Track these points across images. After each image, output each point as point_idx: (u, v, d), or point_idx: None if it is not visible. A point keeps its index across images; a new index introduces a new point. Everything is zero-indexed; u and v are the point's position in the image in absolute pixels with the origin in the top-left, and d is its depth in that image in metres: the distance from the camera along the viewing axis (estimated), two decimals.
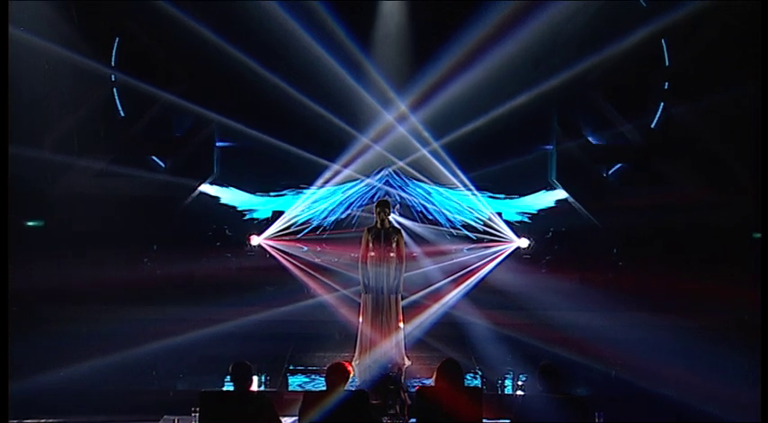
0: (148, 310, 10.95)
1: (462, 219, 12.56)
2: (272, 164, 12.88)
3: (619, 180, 13.79)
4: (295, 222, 12.43)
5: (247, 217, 13.25)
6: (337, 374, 5.96)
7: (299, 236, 12.32)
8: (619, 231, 12.83)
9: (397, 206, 12.40)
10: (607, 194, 13.33)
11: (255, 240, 12.33)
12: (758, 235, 11.41)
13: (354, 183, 12.72)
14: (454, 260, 12.07)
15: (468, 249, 12.25)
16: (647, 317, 10.76)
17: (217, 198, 13.40)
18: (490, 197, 13.03)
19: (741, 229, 11.90)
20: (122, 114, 13.39)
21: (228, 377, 6.07)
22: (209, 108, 12.86)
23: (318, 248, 12.25)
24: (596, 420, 6.04)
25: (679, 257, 11.91)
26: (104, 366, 8.50)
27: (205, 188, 13.44)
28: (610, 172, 13.86)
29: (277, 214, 12.74)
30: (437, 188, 12.77)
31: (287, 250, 12.19)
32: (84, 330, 10.00)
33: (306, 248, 12.16)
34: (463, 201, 12.68)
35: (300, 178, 12.84)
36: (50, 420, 7.39)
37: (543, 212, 13.32)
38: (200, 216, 13.19)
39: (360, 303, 9.00)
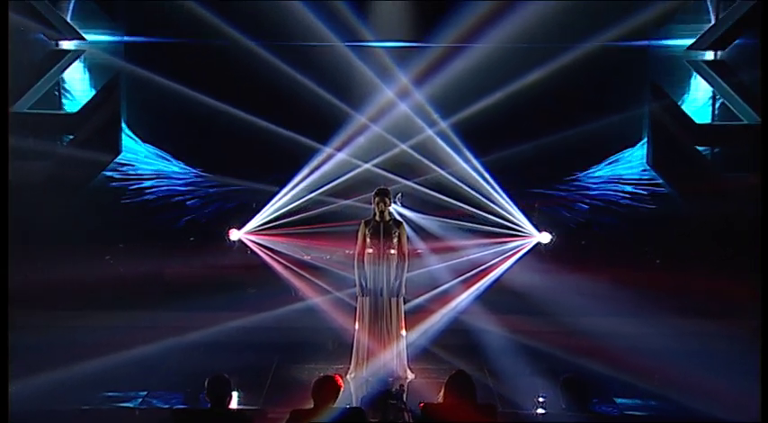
0: (109, 315, 10.89)
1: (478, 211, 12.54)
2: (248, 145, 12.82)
3: (722, 163, 13.41)
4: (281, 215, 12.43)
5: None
6: (326, 389, 5.94)
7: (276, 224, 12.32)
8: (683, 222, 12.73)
9: (399, 195, 12.36)
10: (707, 179, 12.97)
11: (235, 234, 12.32)
12: None
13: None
14: (465, 257, 12.05)
15: (481, 245, 12.22)
16: (692, 324, 10.72)
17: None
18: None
19: None
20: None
21: (204, 393, 6.02)
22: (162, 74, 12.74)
23: (303, 244, 12.23)
24: None
25: (748, 256, 11.83)
26: (56, 382, 8.46)
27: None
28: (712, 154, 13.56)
29: (261, 205, 12.72)
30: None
31: (272, 246, 12.16)
32: (30, 340, 9.93)
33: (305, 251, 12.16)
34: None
35: (287, 163, 12.81)
36: None
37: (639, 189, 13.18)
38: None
39: (356, 308, 8.98)
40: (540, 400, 8.57)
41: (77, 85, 13.56)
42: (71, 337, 10.07)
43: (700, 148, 13.32)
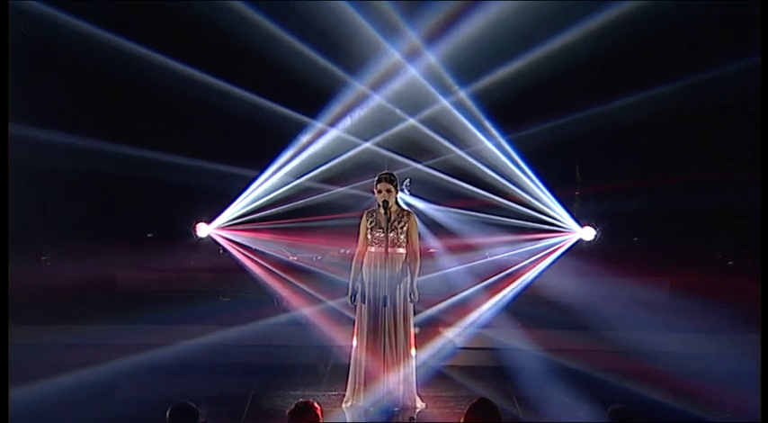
0: (48, 330, 10.94)
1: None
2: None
3: None
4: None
5: None
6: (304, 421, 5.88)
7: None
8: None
9: (407, 181, 12.38)
10: None
11: (204, 230, 12.36)
12: None
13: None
14: (488, 258, 12.08)
15: (508, 243, 12.26)
16: None
17: None
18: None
19: None
20: None
21: None
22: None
23: (289, 241, 12.28)
24: None
25: None
26: None
27: None
28: None
29: (234, 195, 12.77)
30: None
31: (249, 244, 12.20)
32: None
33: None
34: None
35: (268, 141, 12.84)
36: None
37: None
38: None
39: (353, 320, 8.97)
40: None
41: None
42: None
43: None
